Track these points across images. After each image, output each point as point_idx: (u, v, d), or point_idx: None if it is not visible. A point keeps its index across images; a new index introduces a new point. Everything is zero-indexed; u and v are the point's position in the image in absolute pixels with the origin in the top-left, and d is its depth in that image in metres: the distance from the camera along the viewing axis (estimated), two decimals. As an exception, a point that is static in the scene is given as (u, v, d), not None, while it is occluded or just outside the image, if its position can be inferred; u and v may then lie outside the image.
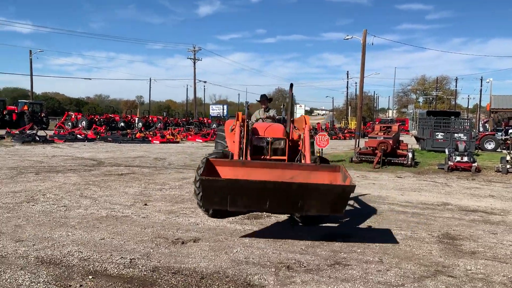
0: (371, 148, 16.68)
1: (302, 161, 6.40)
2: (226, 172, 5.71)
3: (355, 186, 4.99)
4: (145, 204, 7.64)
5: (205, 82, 72.01)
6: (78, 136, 25.71)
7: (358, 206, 8.30)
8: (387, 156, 16.03)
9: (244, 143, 6.33)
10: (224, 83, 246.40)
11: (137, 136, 27.05)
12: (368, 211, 7.88)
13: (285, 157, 6.60)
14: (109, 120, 40.98)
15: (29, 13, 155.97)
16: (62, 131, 28.75)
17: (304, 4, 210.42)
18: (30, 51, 53.94)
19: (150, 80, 72.37)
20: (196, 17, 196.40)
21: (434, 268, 4.83)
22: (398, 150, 16.78)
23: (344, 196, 5.10)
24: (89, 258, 4.72)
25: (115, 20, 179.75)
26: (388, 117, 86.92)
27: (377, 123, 40.12)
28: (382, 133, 17.34)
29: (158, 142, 25.60)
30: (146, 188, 9.45)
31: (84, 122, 39.83)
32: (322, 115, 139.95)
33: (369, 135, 18.78)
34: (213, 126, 41.51)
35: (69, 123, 39.68)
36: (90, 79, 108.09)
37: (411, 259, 5.13)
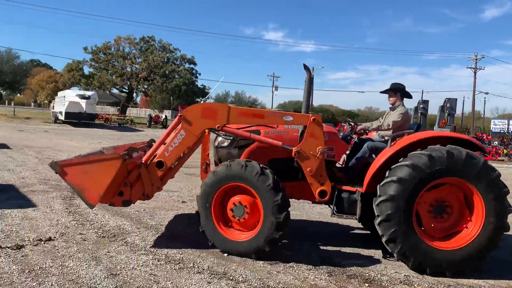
0: None
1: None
2: None
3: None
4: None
5: (486, 93, 64.04)
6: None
7: None
8: None
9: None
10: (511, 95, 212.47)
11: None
12: None
13: None
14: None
15: (313, 34, 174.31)
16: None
17: None
18: (313, 68, 60.64)
19: (422, 92, 69.85)
20: (480, 21, 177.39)
21: None
22: None
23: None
24: (365, 267, 4.97)
25: (390, 33, 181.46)
26: None
27: None
28: None
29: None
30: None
31: (355, 133, 41.78)
32: None
33: None
34: (494, 144, 36.15)
35: (341, 134, 42.31)
36: (363, 92, 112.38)
37: None
